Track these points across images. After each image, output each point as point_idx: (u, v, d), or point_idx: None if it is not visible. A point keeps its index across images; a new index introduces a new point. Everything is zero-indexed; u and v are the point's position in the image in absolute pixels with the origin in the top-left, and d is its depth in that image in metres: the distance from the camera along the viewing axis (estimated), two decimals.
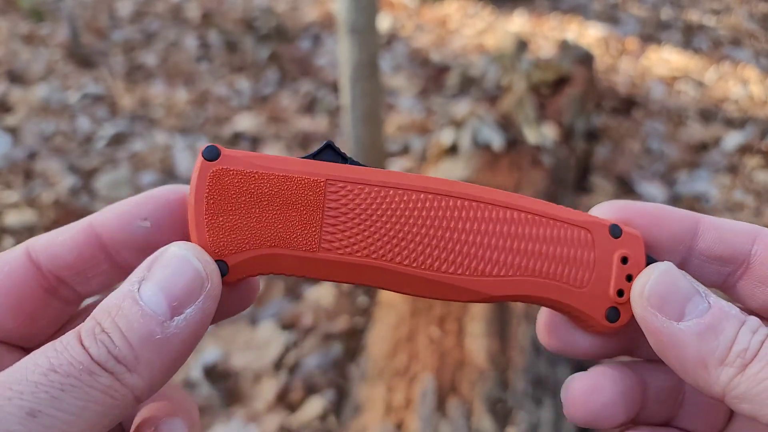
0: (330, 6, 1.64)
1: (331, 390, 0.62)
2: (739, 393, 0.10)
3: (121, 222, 0.11)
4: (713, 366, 0.10)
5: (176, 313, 0.10)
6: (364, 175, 0.11)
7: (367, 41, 0.67)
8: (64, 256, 0.11)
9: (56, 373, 0.09)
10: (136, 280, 0.10)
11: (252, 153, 0.11)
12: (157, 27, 1.48)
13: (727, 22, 1.63)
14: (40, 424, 0.08)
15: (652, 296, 0.11)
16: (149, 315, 0.10)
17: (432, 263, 0.11)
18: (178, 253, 0.10)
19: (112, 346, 0.09)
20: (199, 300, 0.10)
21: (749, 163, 1.06)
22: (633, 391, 0.12)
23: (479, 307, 0.55)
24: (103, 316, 0.10)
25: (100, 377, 0.09)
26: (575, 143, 0.92)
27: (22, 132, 1.07)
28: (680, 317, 0.11)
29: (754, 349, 0.10)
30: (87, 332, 0.09)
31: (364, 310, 0.70)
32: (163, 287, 0.10)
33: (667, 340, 0.11)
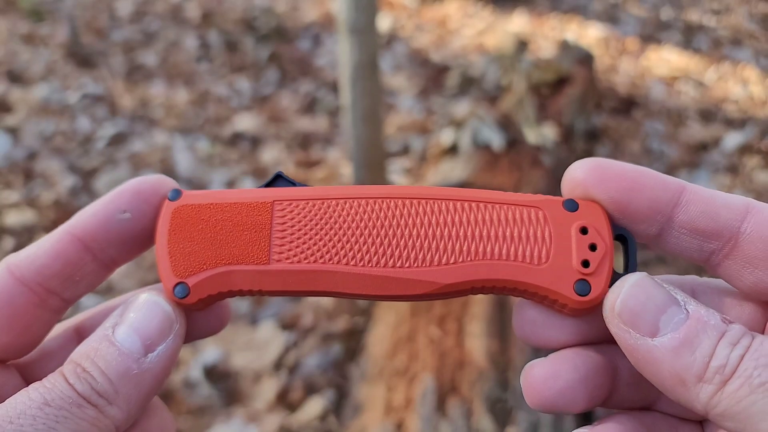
0: (330, 6, 1.64)
1: (331, 390, 0.62)
2: (720, 411, 0.10)
3: (100, 220, 0.12)
4: (692, 383, 0.10)
5: (149, 350, 0.11)
6: (307, 192, 0.12)
7: (367, 41, 0.67)
8: (51, 265, 0.12)
9: (50, 407, 0.10)
10: (110, 326, 0.11)
11: (211, 191, 0.13)
12: (157, 27, 1.47)
13: (727, 22, 1.63)
14: None
15: (623, 312, 0.10)
16: (125, 354, 0.11)
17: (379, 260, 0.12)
18: (149, 298, 0.11)
19: (95, 383, 0.10)
20: (169, 338, 0.11)
21: (749, 163, 1.07)
22: (597, 375, 0.11)
23: (479, 307, 0.55)
24: (82, 359, 0.11)
25: (87, 410, 0.10)
26: (575, 143, 0.93)
27: (22, 132, 1.07)
28: (654, 332, 0.10)
29: (733, 365, 0.10)
30: (70, 373, 0.11)
31: (363, 310, 0.70)
32: (137, 328, 0.11)
33: (641, 357, 0.10)
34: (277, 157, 1.05)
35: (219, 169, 1.00)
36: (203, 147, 1.05)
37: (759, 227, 0.11)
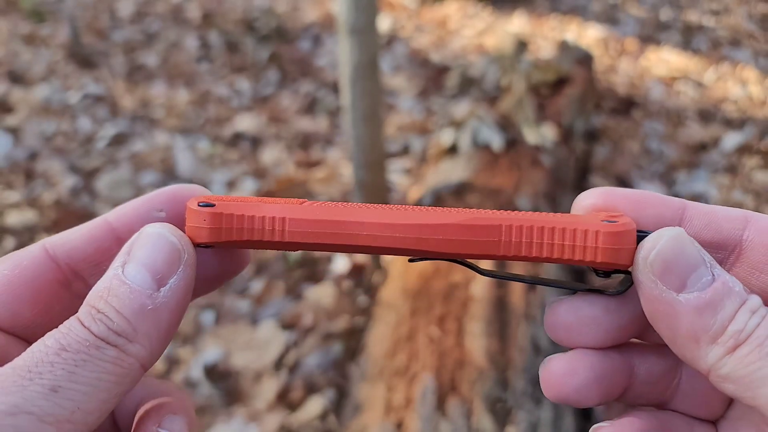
0: (330, 6, 1.64)
1: (331, 389, 0.62)
2: (724, 373, 0.10)
3: (137, 214, 0.12)
4: (705, 343, 0.10)
5: (161, 284, 0.11)
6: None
7: (367, 42, 0.67)
8: (84, 248, 0.12)
9: (67, 352, 0.10)
10: (118, 265, 0.11)
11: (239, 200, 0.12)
12: (157, 27, 1.48)
13: (726, 22, 1.63)
14: (63, 398, 0.09)
15: (656, 262, 0.11)
16: (137, 290, 0.10)
17: None
18: (153, 231, 0.11)
19: (110, 323, 0.10)
20: (179, 270, 0.11)
21: (748, 163, 1.07)
22: (613, 374, 0.12)
23: (479, 307, 0.55)
24: (95, 300, 0.11)
25: (106, 350, 0.10)
26: (575, 143, 0.93)
27: (23, 132, 1.07)
28: (681, 288, 0.10)
29: (749, 331, 0.10)
30: (85, 315, 0.10)
31: (364, 310, 0.70)
32: (145, 263, 0.11)
33: (662, 309, 0.11)
34: (278, 157, 1.05)
35: (219, 170, 1.00)
36: (204, 147, 1.06)
37: (759, 235, 0.11)
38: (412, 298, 0.58)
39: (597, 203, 0.12)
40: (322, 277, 0.76)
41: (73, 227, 0.12)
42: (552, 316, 0.12)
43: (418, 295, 0.58)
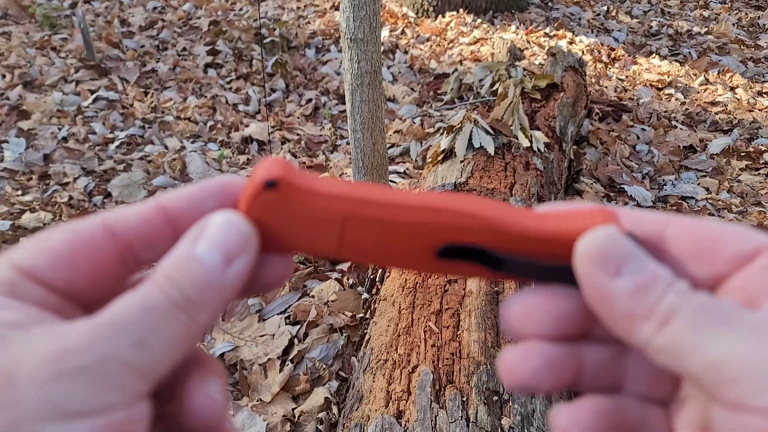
0: (334, 17, 1.67)
1: (334, 381, 0.64)
2: (657, 346, 0.11)
3: (190, 200, 0.13)
4: (639, 322, 0.11)
5: (228, 264, 0.12)
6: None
7: (369, 51, 0.69)
8: (138, 227, 0.13)
9: (150, 312, 0.11)
10: (190, 242, 0.12)
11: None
12: (168, 35, 1.50)
13: (715, 30, 1.66)
14: (145, 351, 0.11)
15: (593, 253, 0.12)
16: (208, 266, 0.12)
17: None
18: (226, 217, 0.13)
19: (186, 292, 0.11)
20: (247, 253, 0.12)
21: (735, 166, 1.09)
22: (562, 360, 0.13)
23: (475, 302, 0.57)
24: (170, 271, 0.12)
25: (180, 315, 0.11)
26: (566, 147, 0.95)
27: (38, 135, 1.09)
28: (616, 275, 0.12)
29: (676, 310, 0.11)
30: (161, 283, 0.12)
31: (365, 305, 0.73)
32: (217, 244, 0.12)
33: (600, 294, 0.12)
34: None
35: (229, 172, 1.03)
36: (213, 151, 1.08)
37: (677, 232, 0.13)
38: (412, 294, 0.60)
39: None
40: (326, 275, 0.78)
41: (129, 206, 0.14)
42: (506, 310, 0.14)
43: (417, 291, 0.60)
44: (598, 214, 0.13)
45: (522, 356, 0.13)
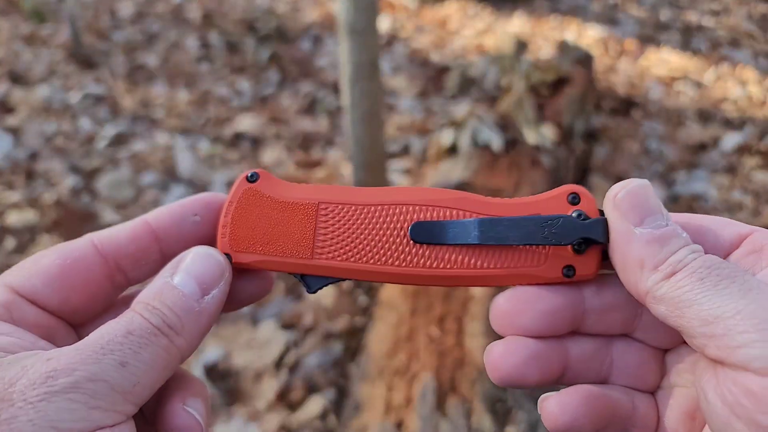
0: (330, 7, 1.64)
1: (331, 389, 0.62)
2: (659, 294, 0.12)
3: (174, 218, 0.14)
4: (648, 268, 0.12)
5: (205, 293, 0.13)
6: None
7: (367, 42, 0.67)
8: (126, 245, 0.14)
9: (133, 335, 0.12)
10: (168, 274, 0.13)
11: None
12: (158, 28, 1.48)
13: (726, 23, 1.63)
14: (128, 372, 0.11)
15: (622, 201, 0.13)
16: (187, 295, 0.13)
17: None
18: (204, 250, 0.14)
19: (165, 317, 0.12)
20: (221, 284, 0.14)
21: (748, 164, 1.07)
22: (548, 353, 0.13)
23: (478, 306, 0.55)
24: (150, 299, 0.13)
25: (161, 339, 0.12)
26: (574, 143, 0.93)
27: (24, 132, 1.07)
28: (638, 224, 0.13)
29: (686, 262, 0.12)
30: (143, 310, 0.13)
31: (364, 310, 0.70)
32: (195, 275, 0.13)
33: (620, 238, 0.13)
34: (278, 157, 1.05)
35: (220, 170, 1.00)
36: (204, 147, 1.06)
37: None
38: (412, 298, 0.58)
39: None
40: None
41: (117, 225, 0.14)
42: (494, 307, 0.14)
43: (418, 295, 0.58)
44: (571, 188, 0.14)
45: (507, 350, 0.13)
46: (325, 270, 0.14)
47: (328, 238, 0.14)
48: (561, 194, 0.14)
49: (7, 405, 0.10)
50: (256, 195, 0.14)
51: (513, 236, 0.13)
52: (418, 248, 0.14)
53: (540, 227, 0.13)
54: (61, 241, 0.92)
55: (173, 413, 0.13)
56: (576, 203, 0.14)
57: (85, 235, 0.14)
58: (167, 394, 0.13)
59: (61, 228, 0.86)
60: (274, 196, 0.14)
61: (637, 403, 0.14)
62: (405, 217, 0.14)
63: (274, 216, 0.14)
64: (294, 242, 0.14)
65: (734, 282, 0.11)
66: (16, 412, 0.10)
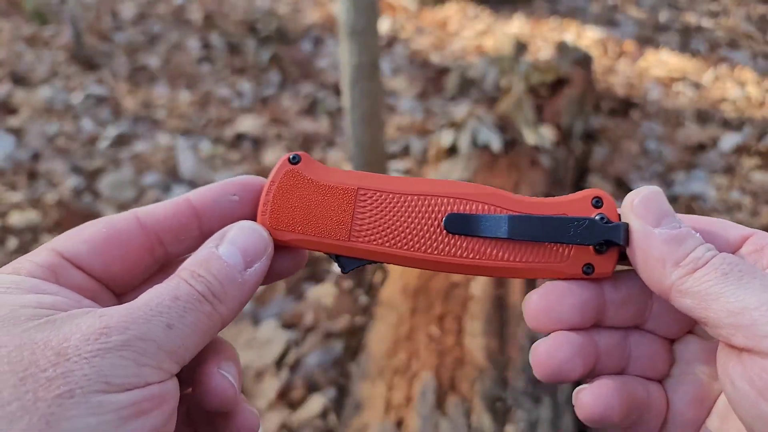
0: (331, 8, 1.64)
1: (331, 388, 0.62)
2: (683, 288, 0.13)
3: (215, 196, 0.15)
4: (670, 265, 0.13)
5: (248, 266, 0.14)
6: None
7: (367, 43, 0.68)
8: (167, 220, 0.15)
9: (179, 300, 0.13)
10: (213, 244, 0.14)
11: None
12: (159, 29, 1.48)
13: (725, 24, 1.63)
14: (174, 334, 0.12)
15: (639, 205, 0.14)
16: (231, 265, 0.14)
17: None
18: (249, 225, 0.15)
19: (210, 285, 0.13)
20: (264, 258, 0.14)
21: (746, 164, 1.07)
22: (587, 346, 0.14)
23: (478, 306, 0.55)
24: (196, 267, 0.13)
25: (204, 305, 0.13)
26: (573, 144, 0.93)
27: (26, 133, 1.07)
28: (657, 225, 0.14)
29: (706, 259, 0.13)
30: (188, 276, 0.13)
31: (364, 309, 0.71)
32: (240, 247, 0.14)
33: (640, 239, 0.14)
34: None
35: (221, 170, 1.01)
36: (206, 148, 1.06)
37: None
38: (412, 298, 0.58)
39: None
40: (323, 277, 0.76)
41: (159, 202, 0.15)
42: (528, 303, 0.15)
43: (418, 295, 0.58)
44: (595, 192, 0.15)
45: (554, 346, 0.14)
46: (360, 252, 0.15)
47: (366, 223, 0.15)
48: (586, 197, 0.15)
49: (62, 359, 0.11)
50: (297, 176, 0.15)
51: (541, 233, 0.14)
52: (450, 238, 0.14)
53: (567, 227, 0.14)
54: None
55: (209, 375, 0.14)
56: (599, 207, 0.15)
57: (130, 209, 0.15)
58: (203, 357, 0.14)
59: (63, 228, 0.86)
60: (314, 178, 0.15)
61: (651, 391, 0.15)
62: (440, 208, 0.14)
63: (314, 198, 0.15)
64: (332, 224, 0.15)
65: (755, 278, 0.12)
66: (71, 366, 0.11)
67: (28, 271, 0.13)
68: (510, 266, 0.14)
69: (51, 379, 0.11)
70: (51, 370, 0.11)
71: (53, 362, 0.11)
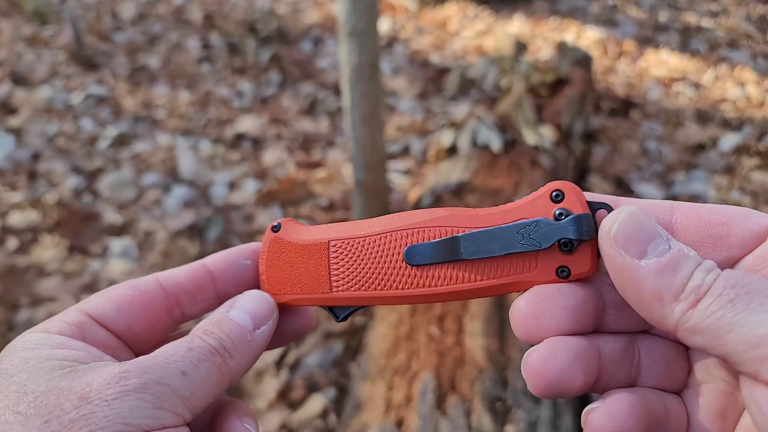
0: (331, 8, 1.65)
1: (331, 388, 0.62)
2: (690, 326, 0.11)
3: (228, 260, 0.17)
4: (668, 301, 0.11)
5: (257, 327, 0.15)
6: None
7: (367, 43, 0.68)
8: (186, 283, 0.16)
9: (193, 351, 0.14)
10: (225, 309, 0.16)
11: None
12: (159, 29, 1.48)
13: (725, 24, 1.63)
14: (188, 381, 0.13)
15: (618, 235, 0.12)
16: (241, 326, 0.15)
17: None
18: (256, 293, 0.16)
19: (222, 341, 0.14)
20: (270, 321, 0.16)
21: (746, 164, 1.07)
22: (588, 352, 0.13)
23: (478, 306, 0.55)
24: (209, 326, 0.15)
25: (216, 357, 0.14)
26: (573, 144, 0.93)
27: (26, 133, 1.07)
28: (642, 255, 0.12)
29: (707, 286, 0.11)
30: (202, 333, 0.15)
31: (364, 309, 0.71)
32: (249, 311, 0.15)
33: (628, 276, 0.12)
34: (279, 158, 1.05)
35: (221, 170, 1.01)
36: (206, 148, 1.06)
37: (686, 218, 0.13)
38: None
39: None
40: None
41: (177, 267, 0.17)
42: (515, 311, 0.13)
43: None
44: (555, 185, 0.13)
45: (548, 353, 0.12)
46: (344, 301, 0.15)
47: (341, 272, 0.15)
48: (544, 194, 0.13)
49: (84, 402, 0.12)
50: (280, 242, 0.16)
51: (494, 247, 0.13)
52: (414, 270, 0.14)
53: (517, 234, 0.13)
54: (63, 241, 0.92)
55: (234, 428, 0.15)
56: (559, 201, 0.13)
57: (152, 274, 0.16)
58: (225, 413, 0.15)
59: (63, 228, 0.86)
60: (293, 240, 0.16)
61: (669, 404, 0.13)
62: (400, 242, 0.14)
63: (296, 259, 0.16)
64: (315, 279, 0.16)
65: (767, 297, 0.11)
66: (93, 408, 0.12)
67: (57, 329, 0.14)
68: (480, 286, 0.14)
69: (74, 420, 0.11)
70: (74, 413, 0.12)
71: (76, 405, 0.12)
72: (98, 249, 0.82)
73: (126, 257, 0.80)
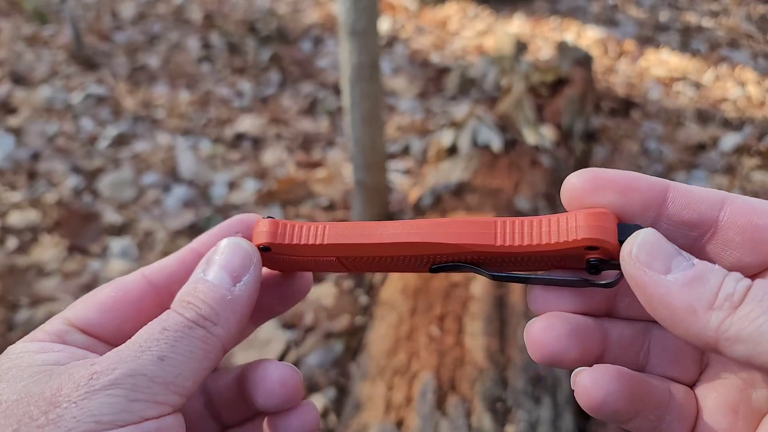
0: (331, 8, 1.64)
1: (331, 388, 0.62)
2: (732, 335, 0.11)
3: (217, 239, 0.15)
4: (702, 311, 0.11)
5: (237, 281, 0.14)
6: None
7: (367, 43, 0.68)
8: (176, 272, 0.15)
9: (168, 331, 0.13)
10: (200, 271, 0.14)
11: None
12: (159, 29, 1.48)
13: (725, 23, 1.63)
14: (167, 365, 0.12)
15: (640, 254, 0.12)
16: (218, 286, 0.14)
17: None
18: (229, 241, 0.15)
19: (199, 309, 0.13)
20: (251, 269, 0.14)
21: (747, 164, 1.07)
22: (587, 329, 0.13)
23: (478, 306, 0.55)
24: (184, 295, 0.14)
25: (196, 330, 0.13)
26: (574, 144, 0.93)
27: (26, 133, 1.07)
28: (667, 271, 0.11)
29: (741, 293, 0.11)
30: (177, 306, 0.13)
31: (364, 309, 0.71)
32: (223, 266, 0.14)
33: (655, 292, 0.11)
34: (279, 157, 1.05)
35: (221, 170, 1.01)
36: (205, 148, 1.06)
37: (733, 216, 0.12)
38: (412, 298, 0.58)
39: (584, 188, 0.13)
40: (323, 277, 0.76)
41: (165, 257, 0.16)
42: (531, 289, 0.14)
43: (418, 295, 0.58)
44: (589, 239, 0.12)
45: (547, 325, 0.13)
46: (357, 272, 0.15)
47: (354, 267, 0.15)
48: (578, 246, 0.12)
49: (53, 407, 0.11)
50: (273, 259, 0.15)
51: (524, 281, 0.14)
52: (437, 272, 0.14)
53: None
54: (63, 241, 0.91)
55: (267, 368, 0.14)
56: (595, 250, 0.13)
57: (138, 269, 0.15)
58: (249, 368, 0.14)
59: (62, 228, 0.86)
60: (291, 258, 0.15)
61: (673, 391, 0.13)
62: (420, 260, 0.14)
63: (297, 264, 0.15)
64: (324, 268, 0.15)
65: None
66: (61, 412, 0.11)
67: (38, 339, 0.14)
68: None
69: (42, 426, 0.11)
70: (42, 419, 0.11)
71: (44, 411, 0.11)
72: (98, 249, 0.82)
73: (126, 257, 0.80)
